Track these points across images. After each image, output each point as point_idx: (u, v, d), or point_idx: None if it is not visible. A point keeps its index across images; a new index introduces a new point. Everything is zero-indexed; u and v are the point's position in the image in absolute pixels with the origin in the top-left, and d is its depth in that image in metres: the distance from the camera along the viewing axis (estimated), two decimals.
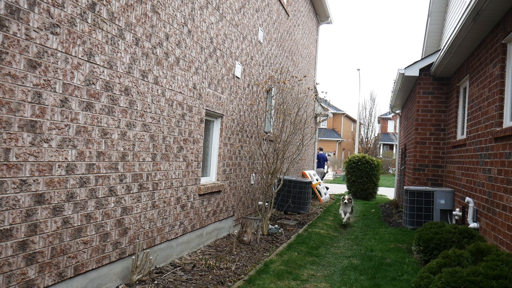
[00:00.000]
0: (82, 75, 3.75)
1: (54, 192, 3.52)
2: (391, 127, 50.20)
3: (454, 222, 7.56)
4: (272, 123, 9.03)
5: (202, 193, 6.29)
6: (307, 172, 13.93)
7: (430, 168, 9.18)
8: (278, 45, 10.39)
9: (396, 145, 31.30)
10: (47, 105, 3.39)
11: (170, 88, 5.28)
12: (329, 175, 30.06)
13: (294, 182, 9.78)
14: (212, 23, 6.43)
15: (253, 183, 8.82)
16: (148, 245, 5.02)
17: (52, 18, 3.38)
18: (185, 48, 5.63)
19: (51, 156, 3.47)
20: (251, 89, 8.47)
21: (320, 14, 15.54)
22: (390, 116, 45.46)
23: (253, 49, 8.50)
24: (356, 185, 15.69)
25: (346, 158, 20.66)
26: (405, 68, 9.24)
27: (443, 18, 11.93)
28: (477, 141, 6.22)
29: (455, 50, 7.00)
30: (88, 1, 3.77)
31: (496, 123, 5.40)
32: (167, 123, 5.26)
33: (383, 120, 50.34)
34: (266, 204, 8.25)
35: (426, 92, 9.22)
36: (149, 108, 4.84)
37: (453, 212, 7.42)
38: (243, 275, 5.11)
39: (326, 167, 21.21)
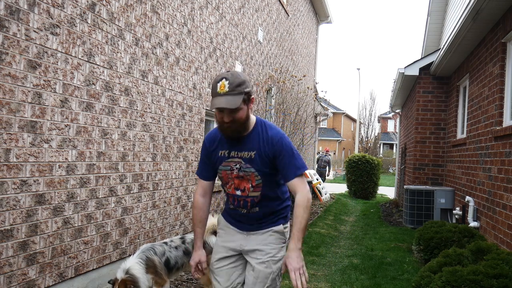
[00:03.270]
0: (82, 75, 3.75)
1: (55, 192, 3.53)
2: (391, 126, 50.14)
3: (454, 221, 7.56)
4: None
5: None
6: (307, 171, 13.93)
7: (430, 167, 9.17)
8: (277, 44, 10.39)
9: (396, 144, 31.29)
10: (47, 105, 3.39)
11: (170, 88, 5.28)
12: (329, 176, 29.81)
13: None
14: (212, 23, 6.43)
15: None
16: None
17: (52, 19, 3.38)
18: (185, 48, 5.63)
19: (52, 156, 3.47)
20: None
21: (319, 13, 15.54)
22: (390, 115, 45.36)
23: (253, 49, 8.50)
24: (356, 184, 15.68)
25: (346, 157, 20.59)
26: (405, 67, 9.23)
27: (442, 17, 11.93)
28: (477, 140, 6.22)
29: (455, 49, 7.00)
30: (88, 2, 3.77)
31: (496, 122, 5.40)
32: (167, 123, 5.26)
33: (383, 119, 50.30)
34: None
35: (426, 91, 9.21)
36: (149, 108, 4.84)
37: (454, 211, 7.42)
38: None
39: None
